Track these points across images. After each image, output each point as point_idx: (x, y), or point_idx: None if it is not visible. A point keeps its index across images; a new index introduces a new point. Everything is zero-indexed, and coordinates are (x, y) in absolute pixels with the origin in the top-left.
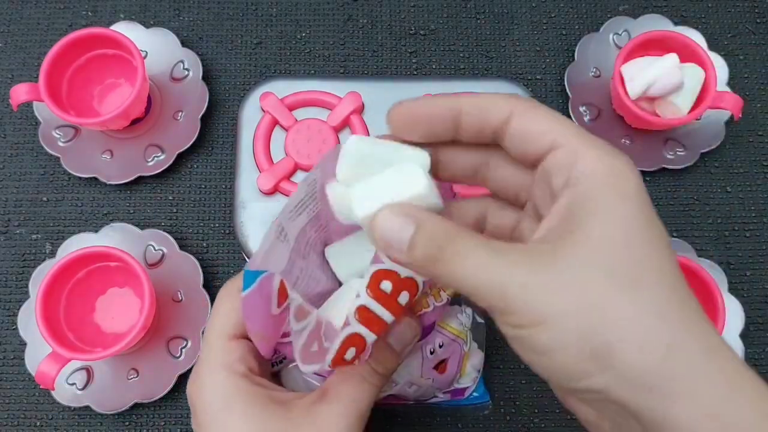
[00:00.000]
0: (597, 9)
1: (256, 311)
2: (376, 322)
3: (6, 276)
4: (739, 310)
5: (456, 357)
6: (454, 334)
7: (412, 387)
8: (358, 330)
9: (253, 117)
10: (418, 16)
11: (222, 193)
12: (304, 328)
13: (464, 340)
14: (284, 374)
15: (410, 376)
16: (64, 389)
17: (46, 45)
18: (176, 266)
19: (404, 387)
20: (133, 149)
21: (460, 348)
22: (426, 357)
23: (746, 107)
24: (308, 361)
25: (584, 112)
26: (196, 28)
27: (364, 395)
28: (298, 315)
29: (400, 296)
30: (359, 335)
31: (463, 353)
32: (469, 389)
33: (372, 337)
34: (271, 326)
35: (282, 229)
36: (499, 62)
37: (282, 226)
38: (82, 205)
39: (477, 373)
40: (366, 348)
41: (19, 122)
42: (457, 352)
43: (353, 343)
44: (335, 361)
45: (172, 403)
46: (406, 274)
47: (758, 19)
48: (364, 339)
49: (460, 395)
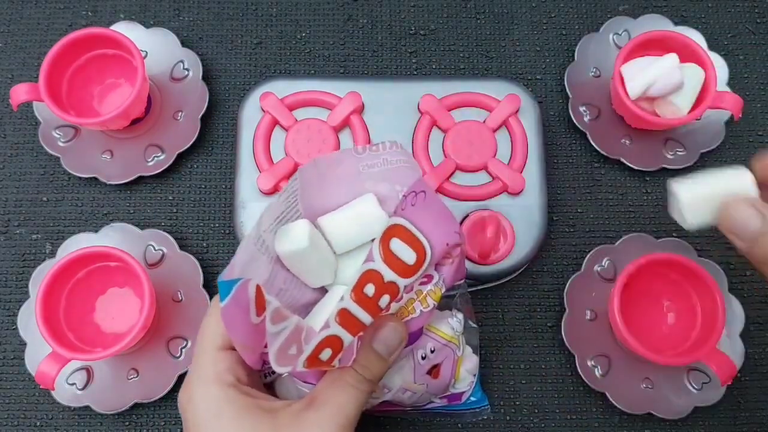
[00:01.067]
0: (597, 9)
1: (236, 322)
2: (354, 323)
3: (6, 276)
4: (739, 310)
5: (449, 361)
6: (445, 339)
7: (406, 393)
8: (336, 332)
9: (253, 117)
10: (418, 16)
11: (222, 193)
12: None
13: (456, 345)
14: (278, 384)
15: (403, 382)
16: (64, 389)
17: (46, 45)
18: (176, 266)
19: (398, 393)
20: (133, 149)
21: (453, 353)
22: (418, 362)
23: (746, 107)
24: (284, 362)
25: (584, 112)
26: (196, 28)
27: (352, 401)
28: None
29: (381, 299)
30: (337, 337)
31: (456, 358)
32: (465, 394)
33: (349, 338)
34: (253, 335)
35: (263, 241)
36: (499, 62)
37: (262, 237)
38: (82, 205)
39: (473, 378)
40: (342, 348)
41: (19, 122)
42: (451, 357)
43: (329, 344)
44: (310, 360)
45: (172, 403)
46: (389, 279)
47: (758, 19)
48: (341, 340)
49: (457, 400)
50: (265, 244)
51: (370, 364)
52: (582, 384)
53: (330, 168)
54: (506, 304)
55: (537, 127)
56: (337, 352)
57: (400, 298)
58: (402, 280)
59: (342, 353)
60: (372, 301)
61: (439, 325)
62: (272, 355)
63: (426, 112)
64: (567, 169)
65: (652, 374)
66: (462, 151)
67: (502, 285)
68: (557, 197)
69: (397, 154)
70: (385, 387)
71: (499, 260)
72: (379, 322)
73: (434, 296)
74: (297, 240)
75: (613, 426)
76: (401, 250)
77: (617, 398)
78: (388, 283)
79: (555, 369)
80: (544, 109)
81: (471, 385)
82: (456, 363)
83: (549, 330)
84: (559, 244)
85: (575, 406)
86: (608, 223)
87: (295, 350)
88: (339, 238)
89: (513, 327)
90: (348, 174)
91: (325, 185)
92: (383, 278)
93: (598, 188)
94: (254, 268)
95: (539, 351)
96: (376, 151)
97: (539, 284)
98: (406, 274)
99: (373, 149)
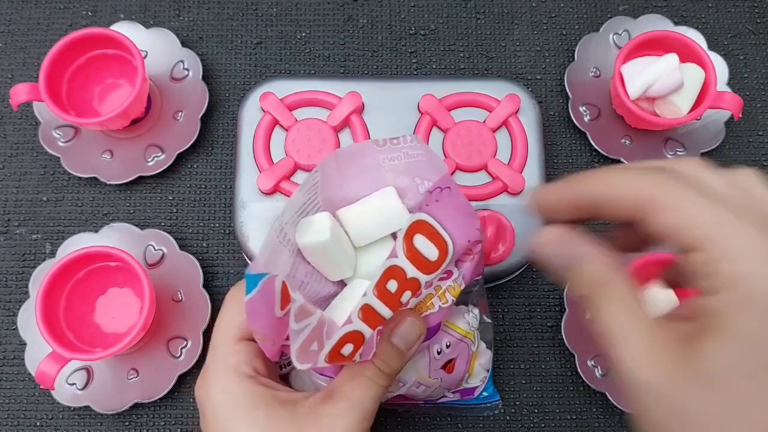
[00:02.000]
0: (597, 9)
1: (260, 314)
2: (375, 318)
3: (6, 276)
4: None
5: (464, 357)
6: (461, 333)
7: (420, 387)
8: (358, 327)
9: (253, 117)
10: (418, 16)
11: (222, 193)
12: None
13: (472, 340)
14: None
15: (418, 376)
16: (64, 389)
17: (46, 45)
18: (176, 266)
19: (412, 387)
20: (133, 149)
21: (468, 348)
22: (433, 357)
23: (746, 107)
24: (305, 359)
25: (584, 112)
26: (196, 28)
27: (370, 395)
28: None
29: (403, 295)
30: (359, 332)
31: (471, 353)
32: (478, 389)
33: (369, 332)
34: (276, 329)
35: (285, 233)
36: (499, 62)
37: (284, 230)
38: (82, 205)
39: (486, 373)
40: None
41: (19, 122)
42: (465, 352)
43: (351, 339)
44: (331, 356)
45: (172, 403)
46: (412, 275)
47: (758, 19)
48: (362, 335)
49: (470, 395)
50: (287, 237)
51: (389, 358)
52: (582, 384)
53: (351, 160)
54: (506, 304)
55: (537, 127)
56: (359, 347)
57: (419, 294)
58: (424, 276)
59: (362, 348)
60: (394, 297)
61: (455, 321)
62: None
63: (426, 112)
64: (567, 169)
65: None
66: (462, 151)
67: (502, 285)
68: None
69: (416, 147)
70: (400, 381)
71: (499, 260)
72: (398, 316)
73: (453, 292)
74: (319, 232)
75: (613, 426)
76: (424, 247)
77: (617, 398)
78: (410, 279)
79: (555, 369)
80: (544, 109)
81: (484, 380)
82: (471, 358)
83: (549, 330)
84: None
85: (575, 406)
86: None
87: (316, 346)
88: (358, 231)
89: (513, 327)
90: (369, 166)
91: (346, 177)
92: (406, 274)
93: None
94: (277, 260)
95: (539, 351)
96: (397, 143)
97: (539, 284)
98: (428, 271)
99: (394, 141)
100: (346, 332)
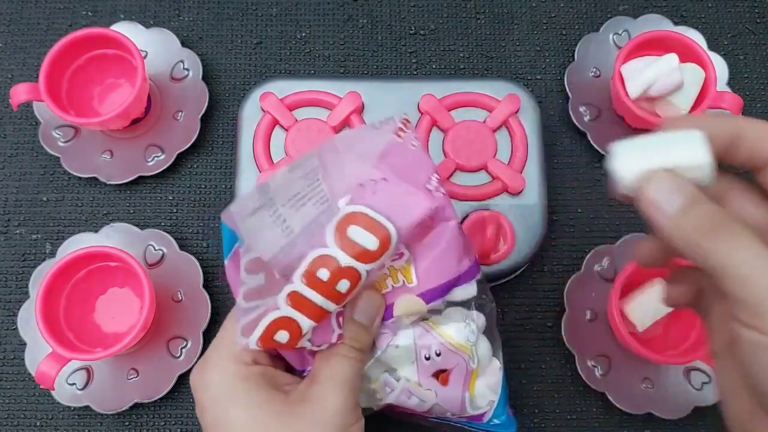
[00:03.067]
0: (597, 9)
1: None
2: (310, 307)
3: (6, 276)
4: None
5: (460, 371)
6: (453, 345)
7: (412, 398)
8: (287, 314)
9: (253, 117)
10: (418, 16)
11: (222, 193)
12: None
13: (469, 355)
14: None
15: (406, 381)
16: (64, 389)
17: (46, 45)
18: (176, 266)
19: (403, 396)
20: (133, 149)
21: (465, 363)
22: (421, 361)
23: (746, 107)
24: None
25: (584, 112)
26: (196, 28)
27: (350, 370)
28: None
29: (339, 284)
30: (290, 319)
31: (470, 369)
32: (486, 414)
33: (308, 323)
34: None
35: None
36: (499, 62)
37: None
38: (82, 205)
39: (494, 396)
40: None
41: (19, 122)
42: (462, 367)
43: (283, 326)
44: (263, 340)
45: (172, 403)
46: (346, 264)
47: (758, 19)
48: (297, 323)
49: (478, 421)
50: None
51: (357, 334)
52: (582, 384)
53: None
54: (506, 304)
55: (537, 127)
56: (297, 337)
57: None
58: (363, 265)
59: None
60: (327, 286)
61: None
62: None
63: (426, 112)
64: (567, 169)
65: (652, 374)
66: (462, 151)
67: (502, 285)
68: (557, 197)
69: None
70: (387, 385)
71: (499, 260)
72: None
73: (405, 273)
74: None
75: (613, 426)
76: (359, 236)
77: (617, 398)
78: (345, 268)
79: (555, 369)
80: (544, 109)
81: (492, 405)
82: (470, 375)
83: (549, 330)
84: (559, 244)
85: (575, 406)
86: (608, 223)
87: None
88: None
89: (513, 327)
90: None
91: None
92: (339, 263)
93: (598, 188)
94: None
95: (539, 351)
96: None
97: (539, 284)
98: (369, 260)
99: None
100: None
